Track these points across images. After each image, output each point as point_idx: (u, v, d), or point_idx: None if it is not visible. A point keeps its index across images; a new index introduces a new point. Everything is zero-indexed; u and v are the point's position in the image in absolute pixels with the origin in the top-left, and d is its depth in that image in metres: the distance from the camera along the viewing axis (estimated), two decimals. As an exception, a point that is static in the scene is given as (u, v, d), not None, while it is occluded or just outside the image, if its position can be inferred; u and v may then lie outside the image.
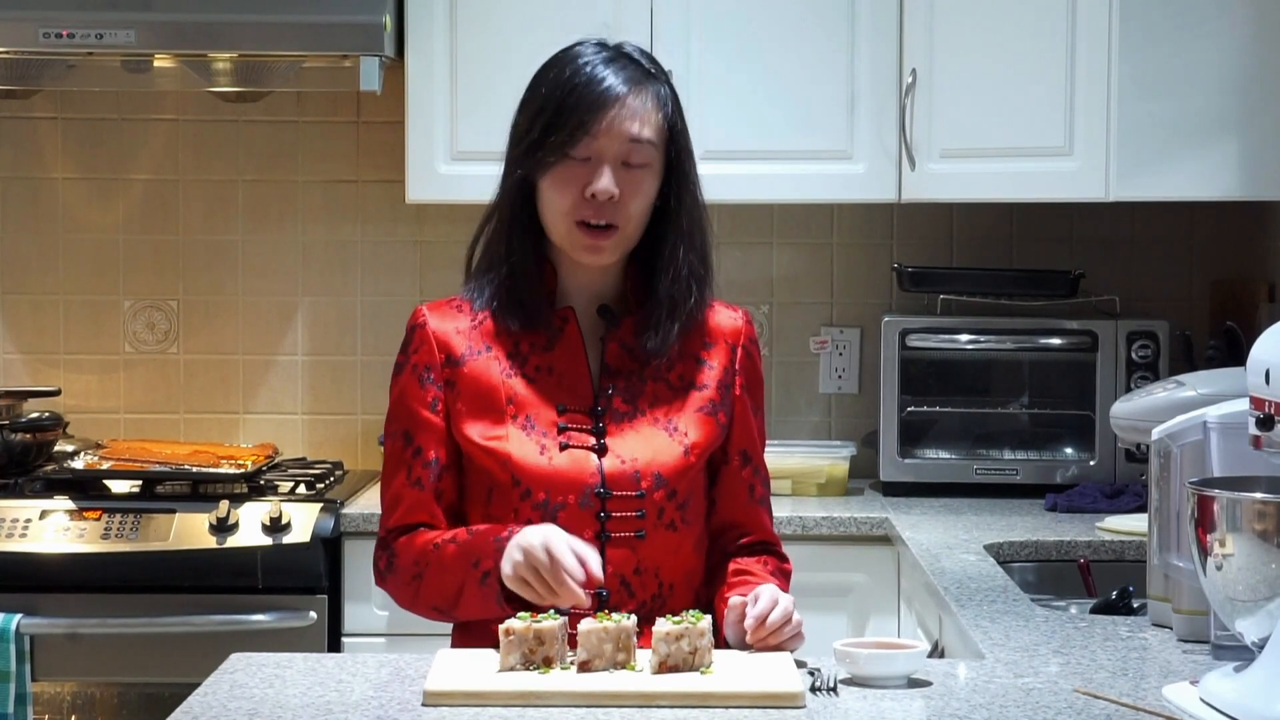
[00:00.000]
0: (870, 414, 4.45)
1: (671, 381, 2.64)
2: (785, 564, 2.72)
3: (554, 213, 2.58)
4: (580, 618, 2.40)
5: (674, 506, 2.59)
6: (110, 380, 4.64)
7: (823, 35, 4.21)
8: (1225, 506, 2.31)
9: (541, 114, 2.57)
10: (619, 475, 2.58)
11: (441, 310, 2.67)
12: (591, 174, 2.55)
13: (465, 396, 2.61)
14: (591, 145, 2.55)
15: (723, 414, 2.65)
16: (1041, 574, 3.59)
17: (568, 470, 2.57)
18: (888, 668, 2.39)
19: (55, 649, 3.93)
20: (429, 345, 2.63)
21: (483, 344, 2.63)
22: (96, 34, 4.05)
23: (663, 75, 2.63)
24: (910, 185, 4.18)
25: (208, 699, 2.34)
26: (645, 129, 2.57)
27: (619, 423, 2.60)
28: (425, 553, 2.57)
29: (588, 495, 2.57)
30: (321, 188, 4.63)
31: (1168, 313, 4.35)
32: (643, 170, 2.58)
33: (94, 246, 4.63)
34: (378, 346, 4.61)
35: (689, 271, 2.62)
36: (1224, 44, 3.72)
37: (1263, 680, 2.23)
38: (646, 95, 2.58)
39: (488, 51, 4.19)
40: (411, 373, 2.64)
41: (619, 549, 2.57)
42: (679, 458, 2.60)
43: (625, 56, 2.61)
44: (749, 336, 2.70)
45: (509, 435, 2.58)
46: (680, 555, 2.61)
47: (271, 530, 3.94)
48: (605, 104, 2.55)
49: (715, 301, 2.70)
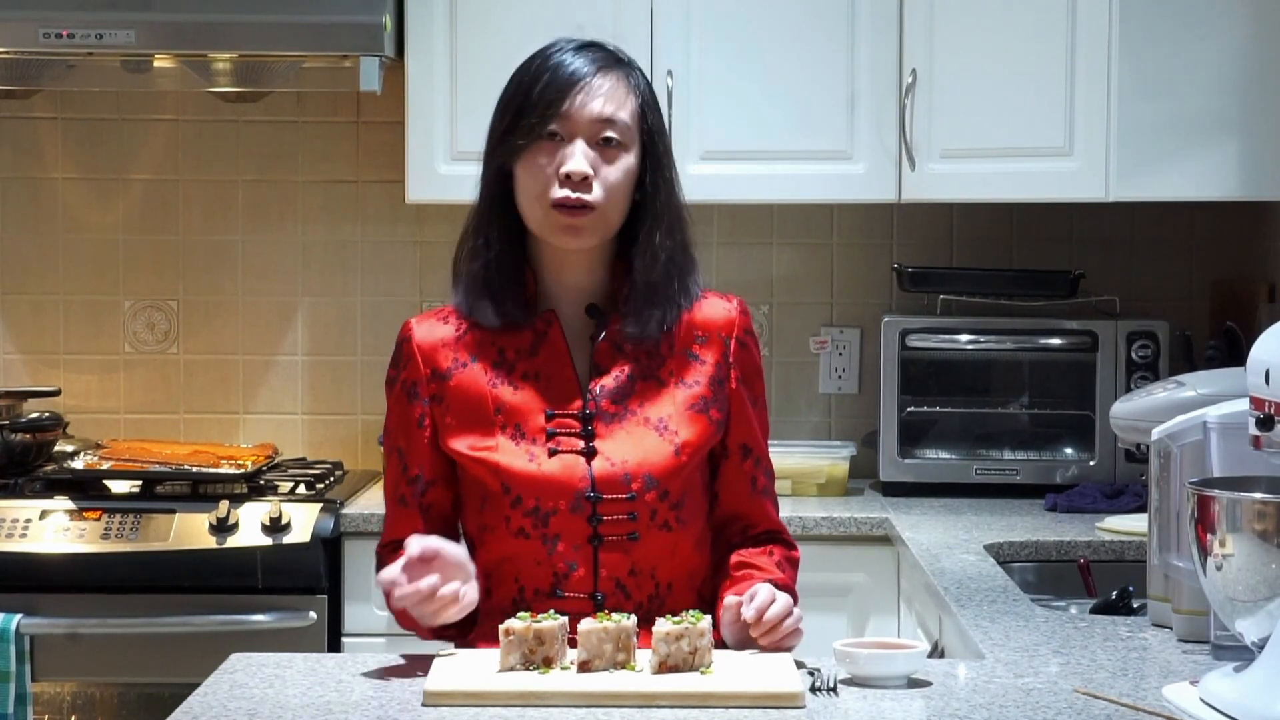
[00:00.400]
0: (870, 414, 4.45)
1: (662, 379, 2.62)
2: (793, 551, 2.70)
3: (529, 197, 2.57)
4: (580, 618, 2.41)
5: (667, 507, 2.59)
6: (110, 380, 4.64)
7: (823, 35, 4.21)
8: (1225, 507, 2.31)
9: (512, 102, 2.58)
10: (609, 478, 2.57)
11: (429, 323, 2.66)
12: (564, 153, 2.55)
13: (454, 409, 2.61)
14: (563, 125, 2.55)
15: (716, 410, 2.63)
16: (1041, 574, 3.59)
17: (557, 476, 2.56)
18: (888, 668, 2.39)
19: (55, 649, 3.93)
20: (415, 361, 2.63)
21: (468, 355, 2.62)
22: (96, 34, 4.05)
23: (635, 65, 2.64)
24: (910, 185, 4.18)
25: (207, 699, 2.34)
26: (617, 110, 2.57)
27: (609, 424, 2.59)
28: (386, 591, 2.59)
29: (579, 500, 2.56)
30: (321, 188, 4.63)
31: (1168, 313, 4.35)
32: (616, 149, 2.57)
33: (94, 246, 4.63)
34: (378, 347, 4.61)
35: (668, 257, 2.60)
36: (1224, 44, 3.72)
37: (1262, 680, 2.23)
38: (616, 77, 2.59)
39: (488, 51, 4.19)
40: (401, 389, 2.64)
41: (612, 552, 2.56)
42: (669, 457, 2.59)
43: (596, 46, 2.62)
44: (743, 327, 2.67)
45: (498, 445, 2.58)
46: (678, 555, 2.61)
47: (271, 530, 3.94)
48: (572, 84, 2.56)
49: (709, 293, 2.69)
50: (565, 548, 2.55)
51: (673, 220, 2.62)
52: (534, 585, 2.57)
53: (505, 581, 2.59)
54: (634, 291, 2.60)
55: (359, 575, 3.99)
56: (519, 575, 2.58)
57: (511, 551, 2.57)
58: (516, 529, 2.56)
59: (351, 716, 2.26)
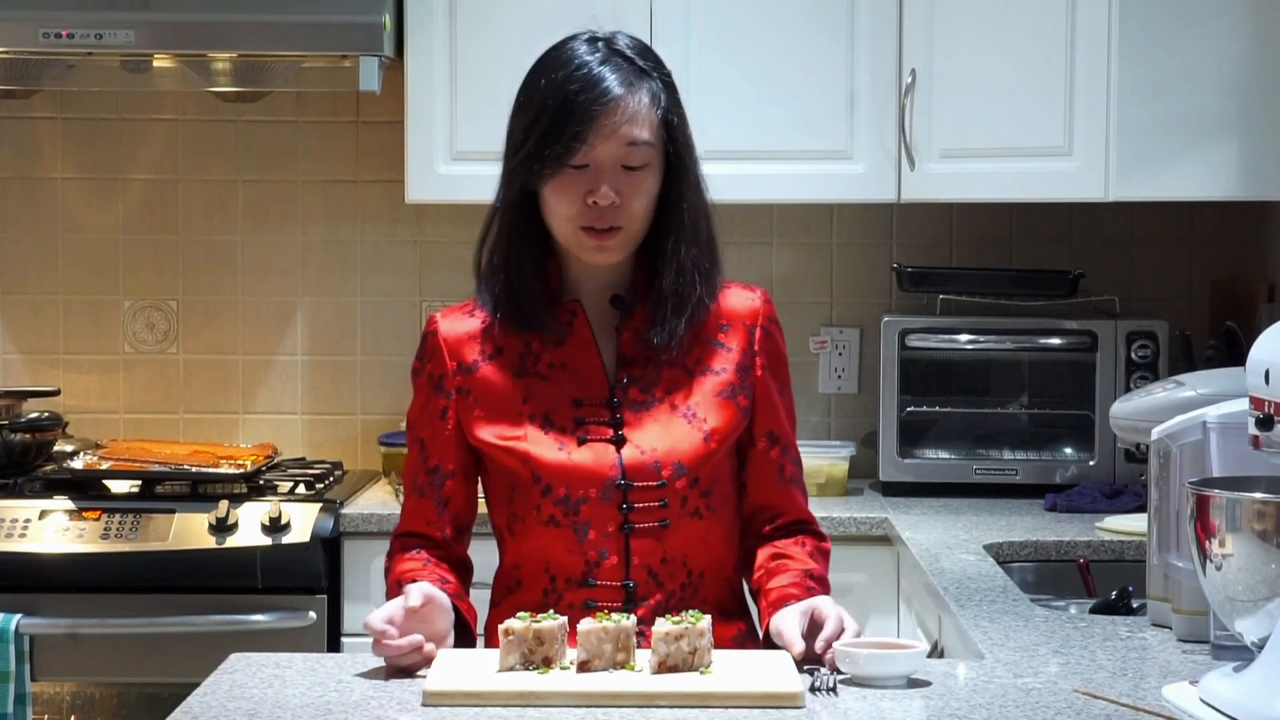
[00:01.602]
0: (870, 414, 4.45)
1: (689, 367, 2.64)
2: (824, 542, 2.70)
3: (557, 218, 2.59)
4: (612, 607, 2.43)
5: (697, 494, 2.60)
6: (110, 380, 4.64)
7: (822, 35, 4.21)
8: (1225, 507, 2.31)
9: (537, 123, 2.56)
10: (639, 466, 2.58)
11: (454, 316, 2.68)
12: (591, 181, 2.55)
13: (481, 401, 2.62)
14: (589, 154, 2.55)
15: (743, 397, 2.64)
16: (1041, 574, 3.59)
17: (587, 464, 2.58)
18: (888, 668, 2.39)
19: (55, 649, 3.93)
20: (440, 354, 2.65)
21: (494, 346, 2.64)
22: (96, 34, 4.05)
23: (657, 70, 2.62)
24: (910, 185, 4.18)
25: (207, 699, 2.34)
26: (641, 131, 2.57)
27: (637, 412, 2.61)
28: (393, 586, 2.61)
29: (609, 488, 2.57)
30: (321, 188, 4.63)
31: (1167, 313, 4.35)
32: (642, 171, 2.58)
33: (93, 246, 4.63)
34: (377, 346, 4.61)
35: (693, 265, 2.62)
36: (1224, 44, 3.71)
37: (1262, 680, 2.23)
38: (641, 95, 2.57)
39: (487, 51, 4.19)
40: (426, 382, 2.66)
41: (644, 540, 2.57)
42: (699, 444, 2.60)
43: (618, 55, 2.60)
44: (768, 316, 2.69)
45: (527, 435, 2.60)
46: (708, 543, 2.62)
47: (271, 530, 3.94)
48: (600, 112, 2.54)
49: (732, 284, 2.70)
50: (596, 535, 2.56)
51: (697, 223, 2.63)
52: (565, 574, 2.58)
53: (536, 571, 2.60)
54: (658, 299, 2.61)
55: (359, 575, 3.99)
56: (550, 564, 2.59)
57: (542, 541, 2.58)
58: (547, 518, 2.57)
59: (351, 716, 2.26)
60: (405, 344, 4.50)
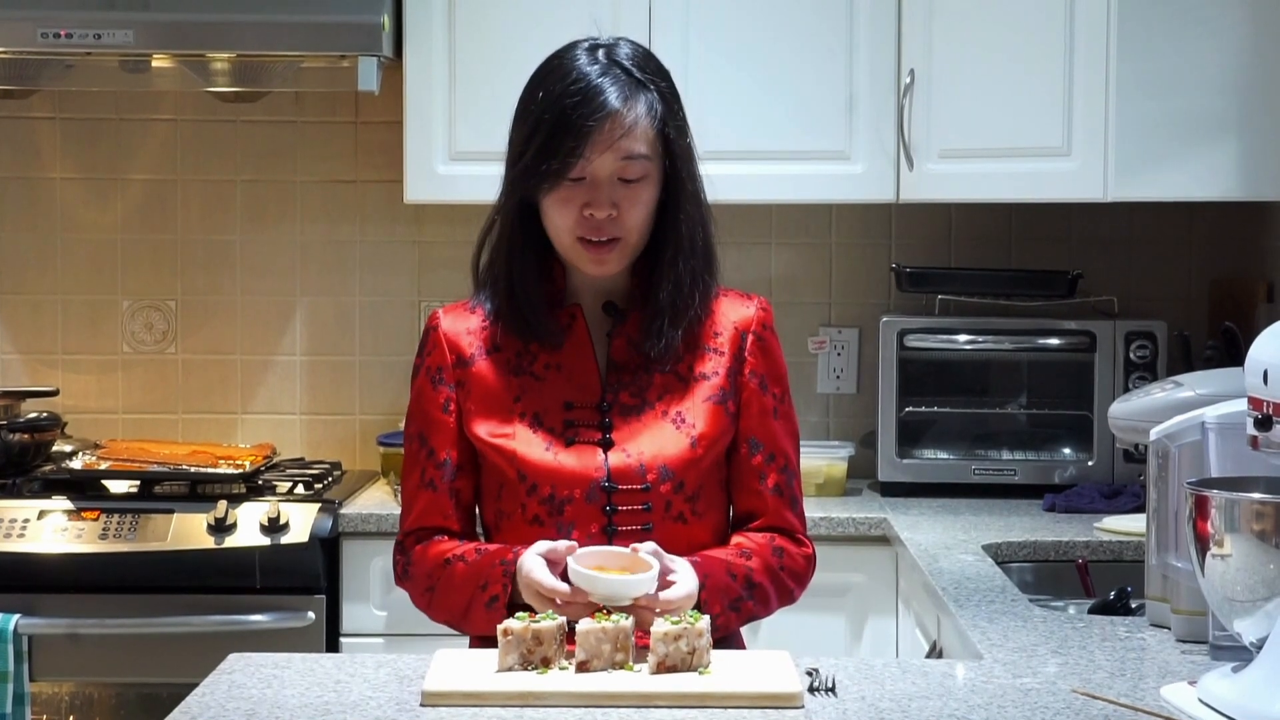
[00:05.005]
0: (868, 414, 4.46)
1: (680, 373, 2.65)
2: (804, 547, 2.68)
3: (556, 229, 2.60)
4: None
5: (682, 499, 2.60)
6: (108, 380, 4.64)
7: (822, 35, 4.21)
8: (1223, 507, 2.31)
9: (535, 136, 2.57)
10: (624, 469, 2.59)
11: (455, 313, 2.70)
12: (588, 193, 2.56)
13: (475, 396, 2.64)
14: (585, 167, 2.56)
15: (733, 402, 2.65)
16: (1040, 574, 3.59)
17: (573, 465, 2.59)
18: (617, 590, 2.39)
19: (53, 649, 3.93)
20: (441, 348, 2.66)
21: (492, 343, 2.65)
22: (95, 34, 4.05)
23: (655, 80, 2.61)
24: (908, 185, 4.18)
25: (206, 699, 2.34)
26: (638, 144, 2.57)
27: (626, 417, 2.62)
28: (437, 568, 2.61)
29: (594, 489, 2.58)
30: (320, 188, 4.63)
31: (1166, 313, 4.35)
32: (639, 183, 2.58)
33: (92, 246, 4.63)
34: (376, 346, 4.61)
35: (691, 279, 2.63)
36: (1223, 44, 3.72)
37: (1261, 680, 2.23)
38: (638, 108, 2.57)
39: (486, 51, 4.19)
40: (426, 375, 2.67)
41: (627, 542, 2.57)
42: (686, 450, 2.61)
43: (617, 65, 2.59)
44: (761, 323, 2.69)
45: (515, 433, 2.61)
46: (693, 547, 2.61)
47: (270, 530, 3.94)
48: (596, 126, 2.54)
49: (730, 291, 2.71)
50: (579, 536, 2.56)
51: (694, 233, 2.63)
52: None
53: None
54: (655, 311, 2.62)
55: (357, 575, 3.99)
56: None
57: (526, 538, 2.58)
58: (531, 516, 2.59)
59: (350, 716, 2.26)
60: (404, 344, 4.50)
